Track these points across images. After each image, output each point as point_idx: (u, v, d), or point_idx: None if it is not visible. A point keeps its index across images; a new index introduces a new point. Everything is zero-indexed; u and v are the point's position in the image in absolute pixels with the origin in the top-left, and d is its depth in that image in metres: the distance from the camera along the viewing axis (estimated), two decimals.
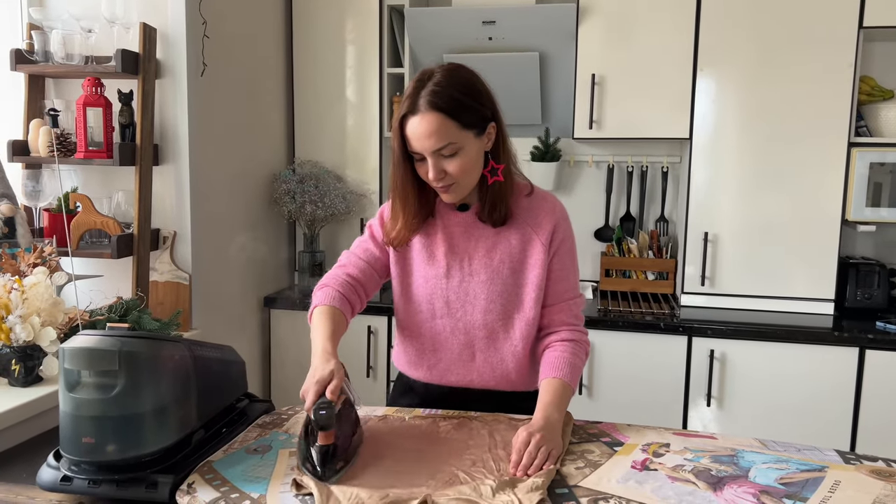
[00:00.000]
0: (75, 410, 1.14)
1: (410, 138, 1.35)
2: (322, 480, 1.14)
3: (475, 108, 1.37)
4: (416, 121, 1.33)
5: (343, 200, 2.96)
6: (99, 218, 2.19)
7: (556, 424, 1.32)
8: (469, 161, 1.38)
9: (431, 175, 1.37)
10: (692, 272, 2.76)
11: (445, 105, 1.32)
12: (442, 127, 1.33)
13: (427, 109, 1.32)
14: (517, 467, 1.20)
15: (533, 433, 1.25)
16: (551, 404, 1.36)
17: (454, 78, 1.36)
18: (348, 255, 1.57)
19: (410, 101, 1.34)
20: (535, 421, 1.31)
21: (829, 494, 1.11)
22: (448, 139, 1.34)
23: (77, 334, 1.18)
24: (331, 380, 1.22)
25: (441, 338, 1.52)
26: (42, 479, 1.17)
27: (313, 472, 1.16)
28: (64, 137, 2.19)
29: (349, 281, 1.51)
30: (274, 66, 3.00)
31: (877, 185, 2.61)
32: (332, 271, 1.54)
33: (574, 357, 1.45)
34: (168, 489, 1.14)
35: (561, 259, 1.50)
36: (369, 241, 1.56)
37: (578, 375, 1.46)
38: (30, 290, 1.66)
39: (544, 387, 1.41)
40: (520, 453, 1.22)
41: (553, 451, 1.24)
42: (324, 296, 1.46)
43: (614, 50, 2.76)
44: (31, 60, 2.18)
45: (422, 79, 1.36)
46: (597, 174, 3.16)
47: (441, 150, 1.34)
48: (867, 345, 2.45)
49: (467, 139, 1.36)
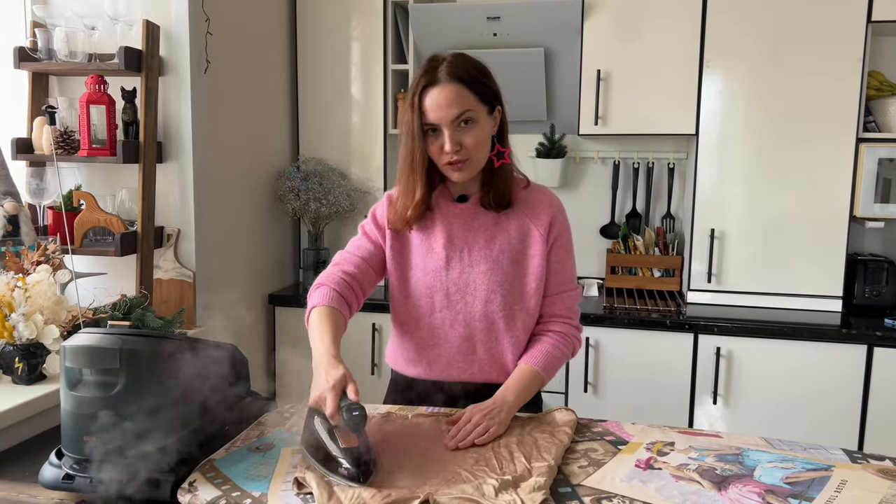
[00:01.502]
0: (76, 409, 1.14)
1: (429, 109, 1.38)
2: (361, 483, 1.12)
3: (488, 86, 1.42)
4: (436, 91, 1.37)
5: (347, 198, 2.95)
6: (102, 216, 2.19)
7: (507, 407, 1.37)
8: (482, 135, 1.42)
9: (448, 146, 1.38)
10: (699, 269, 2.74)
11: (465, 76, 1.38)
12: (462, 95, 1.37)
13: (448, 80, 1.37)
14: (451, 439, 1.27)
15: (475, 411, 1.32)
16: (510, 388, 1.42)
17: (467, 58, 1.42)
18: (343, 254, 1.56)
19: (429, 74, 1.38)
20: (488, 401, 1.37)
21: (835, 494, 1.10)
22: (467, 106, 1.38)
23: (78, 332, 1.18)
24: (345, 383, 1.21)
25: (441, 331, 1.52)
26: (44, 478, 1.17)
27: (349, 476, 1.13)
28: (67, 135, 2.19)
29: (346, 279, 1.49)
30: (278, 63, 2.99)
31: (885, 181, 2.58)
32: (327, 270, 1.53)
33: (554, 349, 1.48)
34: (169, 487, 1.14)
35: (558, 251, 1.51)
36: (364, 238, 1.56)
37: (555, 367, 1.50)
38: (33, 287, 1.66)
39: (514, 371, 1.47)
40: (458, 429, 1.28)
41: (492, 429, 1.30)
42: (321, 296, 1.44)
43: (620, 45, 2.75)
44: (34, 58, 2.18)
45: (434, 58, 1.41)
46: (602, 171, 3.14)
47: (460, 118, 1.37)
48: (875, 342, 2.43)
49: (482, 113, 1.41)
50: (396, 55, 3.07)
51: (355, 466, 1.14)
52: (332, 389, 1.19)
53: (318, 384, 1.24)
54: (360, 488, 1.11)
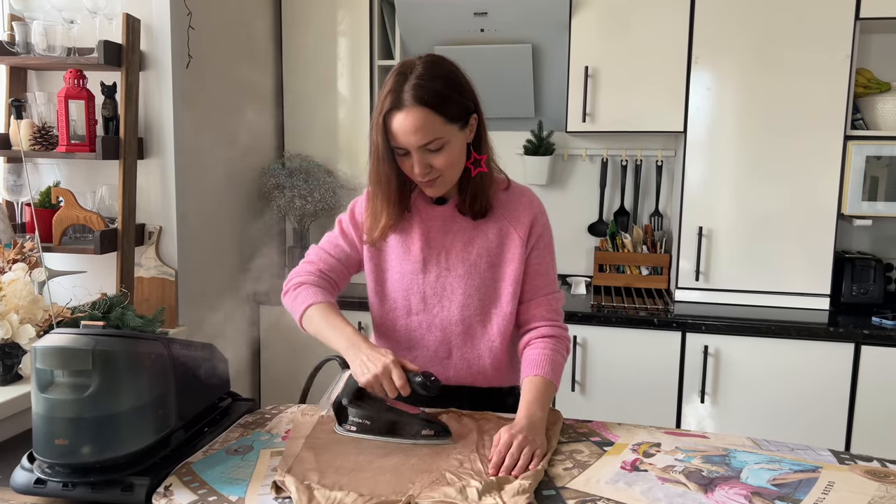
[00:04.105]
0: (48, 412, 1.11)
1: (396, 133, 1.32)
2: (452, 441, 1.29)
3: (459, 101, 1.35)
4: (401, 116, 1.31)
5: (333, 195, 2.92)
6: (82, 213, 2.15)
7: (540, 423, 1.29)
8: (454, 154, 1.36)
9: (417, 170, 1.35)
10: (686, 267, 2.73)
11: (431, 99, 1.30)
12: (428, 122, 1.31)
13: (413, 104, 1.30)
14: (497, 468, 1.17)
15: (515, 434, 1.22)
16: (534, 402, 1.33)
17: (436, 71, 1.33)
18: (318, 252, 1.53)
19: (394, 95, 1.31)
20: (518, 420, 1.29)
21: (822, 496, 1.09)
22: (434, 134, 1.32)
23: (50, 332, 1.15)
24: (398, 359, 1.27)
25: (417, 335, 1.50)
26: (15, 482, 1.15)
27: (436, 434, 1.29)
28: (45, 131, 2.14)
29: (323, 276, 1.48)
30: (263, 59, 2.95)
31: (873, 179, 2.58)
32: (301, 267, 1.51)
33: (555, 354, 1.43)
34: (144, 492, 1.11)
35: (539, 253, 1.48)
36: (340, 237, 1.52)
37: (560, 372, 1.44)
38: (8, 286, 1.62)
39: (526, 385, 1.38)
40: (501, 455, 1.19)
41: (538, 450, 1.21)
42: (313, 294, 1.42)
43: (608, 42, 2.73)
44: (11, 52, 2.13)
45: (403, 72, 1.33)
46: (590, 168, 3.13)
47: (428, 146, 1.32)
48: (863, 340, 2.43)
49: (452, 133, 1.35)
50: (383, 50, 3.04)
51: (433, 428, 1.29)
52: (395, 365, 1.25)
53: (368, 367, 1.26)
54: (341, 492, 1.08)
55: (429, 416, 1.32)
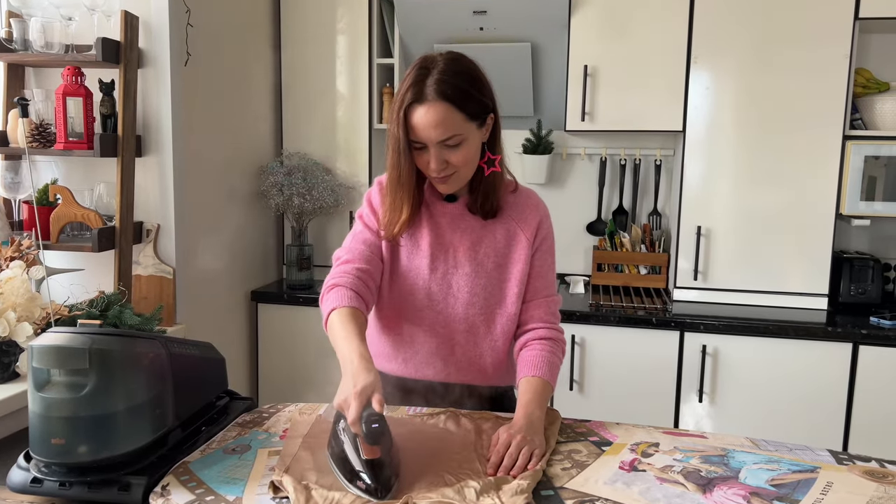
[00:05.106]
0: (45, 411, 1.10)
1: (416, 127, 1.32)
2: (379, 498, 1.06)
3: (479, 99, 1.35)
4: (423, 110, 1.30)
5: (332, 193, 2.92)
6: (80, 210, 2.14)
7: (538, 423, 1.29)
8: (471, 152, 1.36)
9: (433, 165, 1.34)
10: (685, 266, 2.73)
11: (453, 95, 1.30)
12: (449, 117, 1.31)
13: (435, 99, 1.30)
14: (495, 468, 1.17)
15: (514, 433, 1.22)
16: (532, 402, 1.33)
17: (459, 67, 1.33)
18: (349, 249, 1.46)
19: (416, 89, 1.30)
20: (517, 420, 1.28)
21: (821, 496, 1.09)
22: (454, 130, 1.32)
23: (47, 331, 1.14)
24: (373, 390, 1.13)
25: (420, 331, 1.49)
26: (12, 481, 1.14)
27: (367, 490, 1.07)
28: (43, 128, 2.13)
29: (360, 276, 1.41)
30: (261, 56, 2.94)
31: (871, 179, 2.58)
32: (338, 267, 1.43)
33: (552, 356, 1.43)
34: (141, 491, 1.11)
35: (542, 256, 1.49)
36: (366, 231, 1.48)
37: (557, 375, 1.44)
38: (5, 284, 1.62)
39: (524, 385, 1.38)
40: (499, 455, 1.18)
41: (536, 450, 1.20)
42: (338, 297, 1.35)
43: (607, 41, 2.72)
44: (9, 49, 2.13)
45: (425, 66, 1.32)
46: (589, 167, 3.12)
47: (446, 141, 1.32)
48: (861, 340, 2.43)
49: (471, 130, 1.35)
50: (382, 49, 3.04)
51: (374, 480, 1.07)
52: (358, 396, 1.11)
53: (345, 388, 1.15)
54: (339, 493, 1.08)
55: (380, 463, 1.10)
